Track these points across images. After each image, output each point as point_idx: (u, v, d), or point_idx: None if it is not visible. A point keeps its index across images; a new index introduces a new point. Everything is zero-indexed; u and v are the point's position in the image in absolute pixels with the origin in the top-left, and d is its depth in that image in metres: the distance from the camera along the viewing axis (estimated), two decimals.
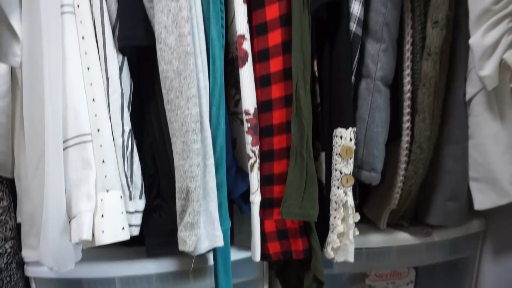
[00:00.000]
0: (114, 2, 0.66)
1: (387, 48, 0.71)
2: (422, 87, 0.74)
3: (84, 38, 0.63)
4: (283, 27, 0.68)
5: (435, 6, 0.70)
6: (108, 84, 0.64)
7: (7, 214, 0.78)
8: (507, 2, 0.65)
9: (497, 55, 0.67)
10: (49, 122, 0.61)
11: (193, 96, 0.62)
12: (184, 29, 0.61)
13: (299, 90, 0.67)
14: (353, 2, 0.68)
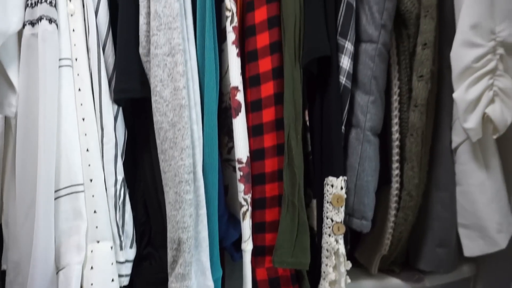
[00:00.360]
0: (111, 55, 0.68)
1: (376, 100, 0.73)
2: (410, 136, 0.76)
3: (81, 90, 0.65)
4: (275, 79, 0.70)
5: (420, 61, 0.74)
6: (102, 134, 0.65)
7: None
8: (487, 61, 0.69)
9: (480, 109, 0.70)
10: (41, 172, 0.61)
11: (186, 147, 0.63)
12: (179, 83, 0.63)
13: (291, 140, 0.69)
14: (342, 56, 0.71)
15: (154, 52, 0.63)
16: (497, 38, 0.69)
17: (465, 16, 0.70)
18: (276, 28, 0.70)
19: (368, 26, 0.73)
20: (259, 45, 0.71)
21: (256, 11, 0.71)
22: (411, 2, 0.74)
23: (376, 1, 0.72)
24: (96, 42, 0.65)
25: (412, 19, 0.75)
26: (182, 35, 0.64)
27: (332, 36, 0.70)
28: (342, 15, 0.71)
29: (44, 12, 0.62)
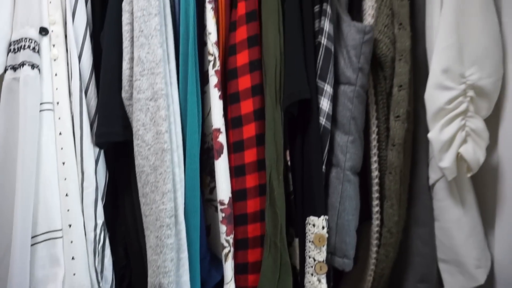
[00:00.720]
0: (94, 98, 0.68)
1: (355, 140, 0.75)
2: (389, 174, 0.78)
3: (62, 134, 0.65)
4: (257, 120, 0.72)
5: (396, 102, 0.76)
6: (83, 178, 0.65)
7: None
8: (458, 103, 0.72)
9: (454, 149, 0.73)
10: (17, 218, 0.60)
11: (168, 191, 0.63)
12: (162, 127, 0.63)
13: (273, 180, 0.70)
14: (322, 98, 0.73)
15: (137, 96, 0.64)
16: (467, 81, 0.72)
17: (437, 61, 0.73)
18: (257, 71, 0.72)
19: (346, 69, 0.75)
20: (241, 88, 0.73)
21: (238, 55, 0.73)
22: (386, 46, 0.77)
23: (353, 46, 0.75)
24: (78, 86, 0.66)
25: (387, 62, 0.78)
26: (165, 80, 0.65)
27: (311, 79, 0.73)
28: (321, 59, 0.74)
29: (27, 57, 0.62)
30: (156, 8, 0.65)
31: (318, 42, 0.74)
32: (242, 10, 0.73)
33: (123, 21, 0.66)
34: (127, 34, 0.66)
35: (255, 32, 0.72)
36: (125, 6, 0.66)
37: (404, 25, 0.77)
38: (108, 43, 0.67)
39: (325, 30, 0.73)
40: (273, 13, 0.71)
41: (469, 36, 0.72)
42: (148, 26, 0.64)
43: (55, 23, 0.66)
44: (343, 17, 0.78)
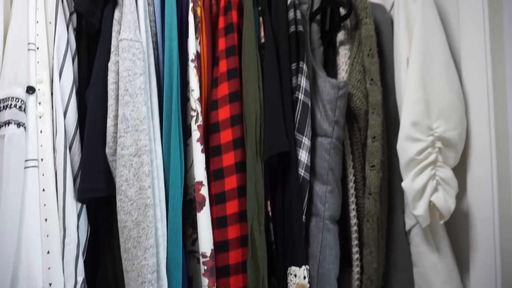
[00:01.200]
0: (77, 154, 0.70)
1: (333, 189, 0.78)
2: (366, 222, 0.80)
3: (45, 190, 0.65)
4: (238, 173, 0.74)
5: (371, 152, 0.81)
6: (64, 235, 0.65)
7: None
8: (427, 154, 0.77)
9: (426, 197, 0.76)
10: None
11: (150, 247, 0.64)
12: (145, 183, 0.65)
13: (254, 232, 0.71)
14: (300, 150, 0.77)
15: (121, 152, 0.65)
16: (435, 133, 0.77)
17: (406, 114, 0.78)
18: (238, 125, 0.75)
19: (322, 122, 0.80)
20: (222, 141, 0.75)
21: (219, 110, 0.76)
22: (360, 100, 0.83)
23: (328, 100, 0.80)
24: (63, 142, 0.67)
25: (361, 115, 0.83)
26: (148, 137, 0.67)
27: (290, 132, 0.76)
28: (299, 113, 0.78)
29: (13, 116, 0.64)
30: (141, 68, 0.68)
31: (295, 97, 0.78)
32: (224, 68, 0.77)
33: (109, 80, 0.69)
34: (112, 93, 0.68)
35: (236, 89, 0.76)
36: (111, 66, 0.70)
37: (375, 81, 0.83)
38: (94, 100, 0.69)
39: (302, 86, 0.78)
40: (253, 70, 0.76)
41: (434, 91, 0.78)
42: (133, 85, 0.67)
43: (42, 81, 0.69)
44: (319, 73, 0.83)
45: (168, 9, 0.74)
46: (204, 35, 0.78)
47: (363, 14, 0.86)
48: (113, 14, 0.73)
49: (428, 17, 0.81)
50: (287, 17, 0.82)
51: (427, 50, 0.79)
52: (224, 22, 0.79)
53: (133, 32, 0.69)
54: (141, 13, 0.72)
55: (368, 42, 0.84)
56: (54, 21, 0.70)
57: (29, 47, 0.68)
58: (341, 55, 0.91)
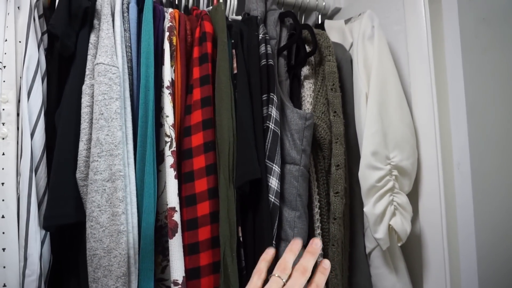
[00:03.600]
0: (43, 178, 0.66)
1: (301, 215, 0.82)
2: (332, 246, 0.84)
3: (4, 217, 0.61)
4: (211, 199, 0.75)
5: (335, 180, 0.86)
6: (25, 265, 0.60)
7: None
8: (386, 181, 0.83)
9: (386, 221, 0.82)
10: None
11: (123, 275, 0.61)
12: (119, 209, 0.63)
13: (227, 258, 0.71)
14: (270, 177, 0.80)
15: (94, 177, 0.64)
16: (392, 162, 0.85)
17: (366, 145, 0.85)
18: (211, 152, 0.76)
19: (291, 150, 0.84)
20: (195, 167, 0.76)
21: (193, 136, 0.77)
22: (324, 130, 0.88)
23: (296, 130, 0.84)
24: (28, 166, 0.64)
25: (326, 144, 0.88)
26: (123, 161, 0.66)
27: (261, 159, 0.79)
28: (269, 141, 0.81)
29: None
30: (117, 92, 0.68)
31: (266, 126, 0.82)
32: (198, 95, 0.79)
33: (83, 103, 0.68)
34: (86, 116, 0.67)
35: (209, 116, 0.78)
36: (86, 89, 0.68)
37: (338, 113, 0.90)
38: (65, 123, 0.67)
39: (272, 116, 0.82)
40: (226, 99, 0.78)
41: (390, 124, 0.86)
42: (109, 110, 0.66)
43: (8, 101, 0.65)
44: (287, 104, 0.88)
45: (145, 37, 0.75)
46: (178, 63, 0.80)
47: (327, 52, 0.94)
48: (89, 37, 0.72)
49: (383, 58, 0.91)
50: (258, 51, 0.87)
51: (384, 87, 0.88)
52: (199, 52, 0.82)
53: (110, 57, 0.69)
54: (117, 38, 0.73)
55: (331, 78, 0.91)
56: (25, 40, 0.68)
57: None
58: (305, 88, 0.97)
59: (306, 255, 0.38)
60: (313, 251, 0.38)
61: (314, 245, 0.38)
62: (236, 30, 0.88)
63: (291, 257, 0.39)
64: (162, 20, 0.82)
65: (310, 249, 0.39)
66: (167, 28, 0.80)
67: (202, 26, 0.83)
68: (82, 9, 0.72)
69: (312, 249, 0.39)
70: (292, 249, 0.39)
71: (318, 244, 0.39)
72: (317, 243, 0.39)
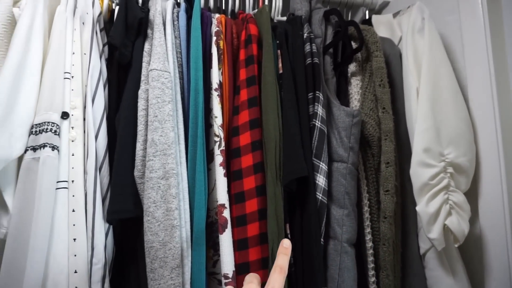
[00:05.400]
0: (106, 175, 0.72)
1: (350, 213, 0.81)
2: (382, 246, 0.82)
3: (75, 211, 0.67)
4: (259, 196, 0.77)
5: (385, 178, 0.84)
6: (92, 255, 0.66)
7: None
8: (440, 179, 0.80)
9: (440, 221, 0.79)
10: None
11: (177, 267, 0.65)
12: (172, 205, 0.67)
13: (275, 253, 0.73)
14: (317, 175, 0.80)
15: (149, 175, 0.68)
16: (446, 159, 0.81)
17: (418, 141, 0.82)
18: (259, 150, 0.78)
19: (338, 148, 0.83)
20: (243, 165, 0.78)
21: (240, 136, 0.80)
22: (373, 127, 0.87)
23: (343, 128, 0.84)
24: (94, 165, 0.70)
25: (375, 141, 0.87)
26: (175, 160, 0.70)
27: (308, 158, 0.80)
28: (316, 140, 0.82)
29: (48, 140, 0.67)
30: (169, 96, 0.73)
31: (312, 125, 0.82)
32: (244, 96, 0.81)
33: (139, 107, 0.73)
34: (142, 119, 0.72)
35: (256, 116, 0.80)
36: (141, 94, 0.74)
37: (387, 109, 0.87)
38: (124, 126, 0.73)
39: (318, 114, 0.82)
40: (272, 99, 0.80)
41: (444, 120, 0.82)
42: (162, 112, 0.71)
43: (76, 107, 0.73)
44: (333, 102, 0.88)
45: (194, 42, 0.79)
46: (226, 66, 0.83)
47: (374, 48, 0.92)
48: (143, 46, 0.78)
49: (435, 50, 0.87)
50: (303, 50, 0.87)
51: (436, 81, 0.84)
52: (245, 54, 0.84)
53: (162, 63, 0.74)
54: (169, 45, 0.78)
55: (379, 73, 0.89)
56: (89, 52, 0.75)
57: (65, 76, 0.73)
58: (353, 85, 0.96)
59: (279, 255, 0.41)
60: (286, 252, 0.41)
61: (285, 246, 0.41)
62: (280, 30, 0.89)
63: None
64: (209, 25, 0.86)
65: (282, 250, 0.42)
66: (214, 33, 0.84)
67: (248, 29, 0.86)
68: (137, 20, 0.78)
69: (284, 249, 0.42)
70: (286, 253, 0.42)
71: (288, 244, 0.42)
72: (287, 243, 0.42)
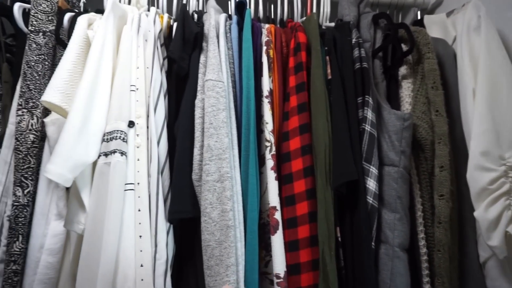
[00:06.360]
0: (167, 179, 0.79)
1: (402, 218, 0.80)
2: (437, 252, 0.80)
3: (140, 210, 0.74)
4: (309, 199, 0.79)
5: (439, 182, 0.82)
6: (155, 251, 0.73)
7: None
8: (501, 183, 0.76)
9: (501, 228, 0.75)
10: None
11: (232, 265, 0.69)
12: (227, 206, 0.72)
13: (325, 256, 0.74)
14: (368, 179, 0.80)
15: (206, 178, 0.74)
16: (507, 163, 0.77)
17: (475, 144, 0.79)
18: (308, 155, 0.81)
19: (389, 152, 0.83)
20: (294, 169, 0.81)
21: (290, 141, 0.82)
22: (425, 131, 0.85)
23: (394, 131, 0.83)
24: (156, 169, 0.77)
25: (427, 145, 0.85)
26: (230, 164, 0.75)
27: (358, 161, 0.80)
28: (366, 143, 0.82)
29: (118, 146, 0.75)
30: (223, 104, 0.78)
31: (362, 129, 0.83)
32: (294, 102, 0.84)
33: (196, 115, 0.79)
34: (199, 126, 0.78)
35: (306, 121, 0.82)
36: (198, 103, 0.80)
37: (441, 112, 0.85)
38: (182, 132, 0.79)
39: (368, 118, 0.83)
40: (322, 104, 0.82)
41: (503, 122, 0.79)
42: (217, 119, 0.76)
43: (140, 117, 0.80)
44: (383, 105, 0.87)
45: (245, 53, 0.84)
46: (276, 73, 0.87)
47: (425, 49, 0.90)
48: (199, 58, 0.84)
49: (493, 48, 0.83)
50: (352, 56, 0.88)
51: (494, 80, 0.81)
52: (294, 62, 0.87)
53: (216, 73, 0.79)
54: (222, 56, 0.83)
55: (431, 75, 0.87)
56: (151, 66, 0.83)
57: (131, 88, 0.80)
58: (403, 88, 0.94)
59: None
60: None
61: None
62: (329, 37, 0.91)
63: None
64: (259, 35, 0.90)
65: None
66: (264, 43, 0.88)
67: (297, 37, 0.89)
68: (193, 35, 0.84)
69: None
70: None
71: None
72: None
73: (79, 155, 0.72)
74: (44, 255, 0.80)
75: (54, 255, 0.81)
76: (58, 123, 0.81)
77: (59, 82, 0.77)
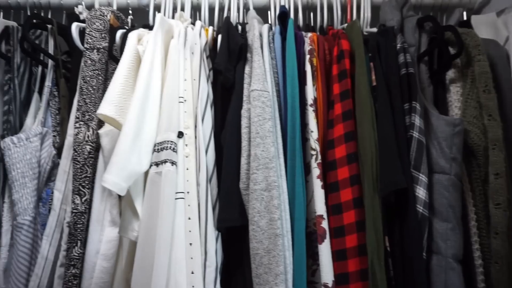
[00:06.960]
0: (215, 188, 0.81)
1: (454, 227, 0.77)
2: (495, 264, 0.77)
3: (190, 219, 0.77)
4: (356, 208, 0.78)
5: (495, 190, 0.78)
6: (205, 258, 0.75)
7: None
8: None
9: None
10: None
11: (280, 273, 0.70)
12: (275, 215, 0.72)
13: (375, 266, 0.73)
14: (417, 187, 0.78)
15: (253, 187, 0.75)
16: None
17: None
18: (354, 163, 0.80)
19: (439, 159, 0.81)
20: (340, 178, 0.80)
21: (336, 149, 0.82)
22: (478, 136, 0.82)
23: (444, 138, 0.81)
24: (205, 178, 0.79)
25: (480, 151, 0.82)
26: (276, 173, 0.75)
27: (406, 169, 0.78)
28: (414, 151, 0.80)
29: (168, 156, 0.78)
30: (269, 114, 0.79)
31: (410, 135, 0.81)
32: (339, 110, 0.84)
33: (242, 125, 0.80)
34: (245, 135, 0.79)
35: (351, 129, 0.82)
36: (244, 113, 0.81)
37: (494, 116, 0.82)
38: (229, 142, 0.81)
39: (416, 124, 0.81)
40: (367, 112, 0.81)
41: None
42: (263, 129, 0.77)
43: (189, 127, 0.83)
44: (431, 111, 0.85)
45: (289, 62, 0.85)
46: (319, 82, 0.87)
47: (475, 52, 0.87)
48: (244, 69, 0.86)
49: None
50: (397, 61, 0.87)
51: None
52: (338, 69, 0.87)
53: (261, 83, 0.81)
54: (267, 66, 0.84)
55: (483, 78, 0.84)
56: (198, 78, 0.86)
57: (179, 100, 0.83)
58: (452, 92, 0.91)
59: None
60: None
61: None
62: (372, 43, 0.90)
63: None
64: (302, 44, 0.91)
65: None
66: (307, 51, 0.88)
67: (340, 45, 0.89)
68: (238, 46, 0.86)
69: None
70: None
71: None
72: None
73: (133, 165, 0.76)
74: (100, 260, 0.84)
75: (108, 260, 0.85)
76: (111, 134, 0.85)
77: (112, 95, 0.81)
